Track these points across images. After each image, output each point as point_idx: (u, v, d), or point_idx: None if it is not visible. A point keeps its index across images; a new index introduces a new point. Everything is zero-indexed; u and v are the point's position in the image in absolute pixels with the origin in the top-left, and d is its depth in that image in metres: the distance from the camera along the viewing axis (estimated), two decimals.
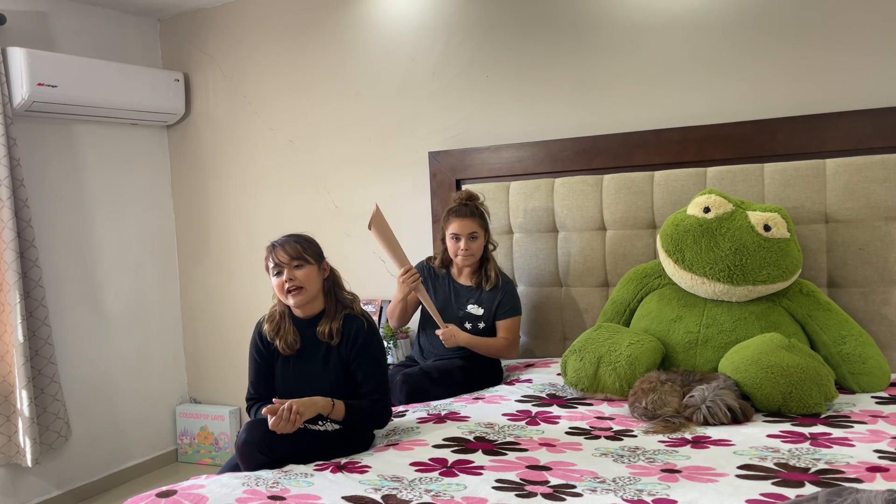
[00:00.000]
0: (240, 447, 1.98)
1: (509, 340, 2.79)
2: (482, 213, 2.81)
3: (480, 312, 2.80)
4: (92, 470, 3.64)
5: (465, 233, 2.74)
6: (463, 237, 2.74)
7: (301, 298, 2.10)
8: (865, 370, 2.34)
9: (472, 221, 2.75)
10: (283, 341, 2.14)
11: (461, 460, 1.89)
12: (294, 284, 2.08)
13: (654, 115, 2.92)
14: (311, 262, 2.11)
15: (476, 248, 2.77)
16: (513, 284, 2.86)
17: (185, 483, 1.81)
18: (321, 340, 2.14)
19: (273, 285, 2.13)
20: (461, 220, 2.75)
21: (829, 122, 2.59)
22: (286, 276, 2.08)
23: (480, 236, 2.77)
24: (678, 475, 1.72)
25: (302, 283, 2.08)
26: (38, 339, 3.25)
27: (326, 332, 2.12)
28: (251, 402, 2.23)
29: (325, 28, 3.59)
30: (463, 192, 2.88)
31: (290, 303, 2.11)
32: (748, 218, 2.44)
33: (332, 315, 2.14)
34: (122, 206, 3.85)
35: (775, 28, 2.71)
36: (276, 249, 2.11)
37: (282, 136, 3.78)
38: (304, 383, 2.14)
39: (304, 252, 2.11)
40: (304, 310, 2.15)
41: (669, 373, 2.33)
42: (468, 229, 2.74)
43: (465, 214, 2.76)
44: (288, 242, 2.12)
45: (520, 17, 3.14)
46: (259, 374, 2.21)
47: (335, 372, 2.14)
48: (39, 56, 3.22)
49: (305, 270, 2.09)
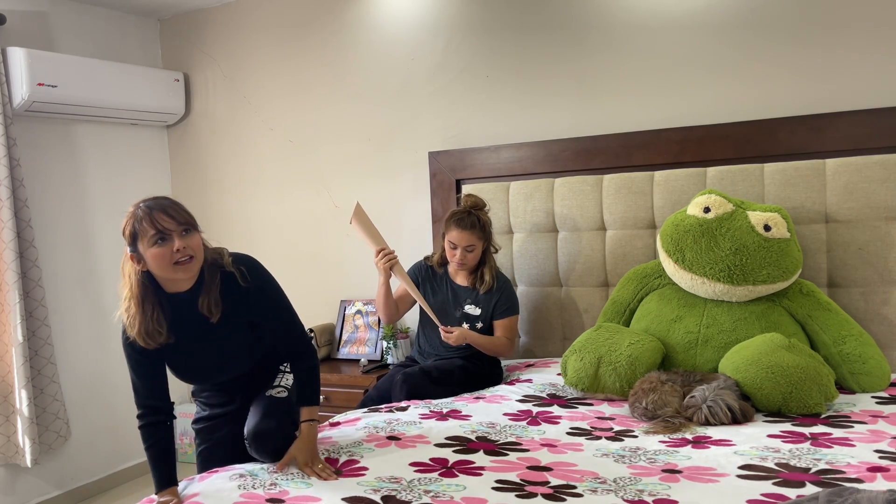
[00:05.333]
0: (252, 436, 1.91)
1: (509, 339, 2.80)
2: (483, 224, 2.77)
3: (478, 312, 2.80)
4: (91, 470, 3.64)
5: (463, 245, 2.73)
6: (460, 248, 2.74)
7: (192, 268, 1.79)
8: (865, 370, 2.33)
9: (472, 234, 2.73)
10: (148, 337, 1.81)
11: (462, 460, 1.88)
12: (187, 253, 1.77)
13: (654, 115, 2.92)
14: (197, 228, 1.82)
15: (471, 259, 2.77)
16: (510, 283, 2.86)
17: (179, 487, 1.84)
18: (203, 315, 1.86)
19: (148, 257, 1.75)
20: (460, 231, 2.73)
21: (829, 122, 2.59)
22: (177, 245, 1.75)
23: (478, 248, 2.76)
24: (679, 475, 1.72)
25: (194, 252, 1.78)
26: (38, 339, 3.25)
27: (206, 306, 1.84)
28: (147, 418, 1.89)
29: (326, 28, 3.59)
30: (469, 198, 2.83)
31: (177, 275, 1.79)
32: (748, 218, 2.44)
33: (209, 283, 1.85)
34: (122, 206, 3.77)
35: (775, 28, 2.71)
36: (155, 213, 1.75)
37: (282, 136, 3.78)
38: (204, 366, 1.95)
39: (190, 216, 1.81)
40: (180, 283, 1.82)
41: (670, 373, 2.32)
42: (466, 242, 2.73)
43: (466, 226, 2.73)
44: (170, 206, 1.78)
45: (520, 17, 3.14)
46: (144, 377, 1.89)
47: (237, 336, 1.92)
48: (39, 56, 3.22)
49: (195, 238, 1.80)
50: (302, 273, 3.73)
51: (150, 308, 1.82)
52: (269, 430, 1.92)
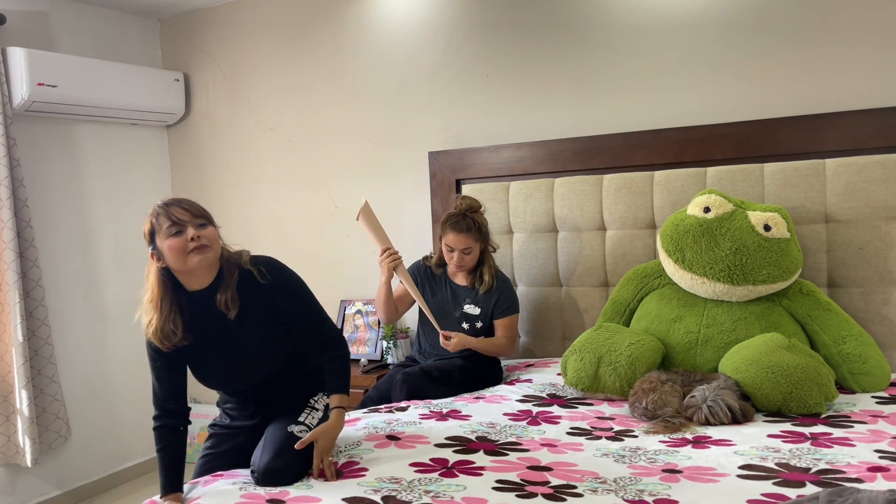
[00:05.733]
0: (262, 473, 1.79)
1: (510, 339, 2.80)
2: (479, 226, 2.75)
3: (477, 312, 2.80)
4: (91, 470, 3.64)
5: (459, 248, 2.73)
6: (457, 251, 2.74)
7: (206, 257, 1.82)
8: (865, 370, 2.33)
9: (468, 237, 2.72)
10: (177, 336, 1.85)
11: (462, 461, 1.88)
12: (201, 242, 1.81)
13: (654, 115, 2.92)
14: (213, 224, 1.88)
15: (469, 261, 2.77)
16: (509, 283, 2.86)
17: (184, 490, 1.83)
18: (222, 314, 1.88)
19: (165, 248, 1.81)
20: (456, 234, 2.72)
21: (829, 122, 2.59)
22: (190, 234, 1.80)
23: (475, 250, 2.76)
24: (679, 475, 1.72)
25: (209, 242, 1.83)
26: (38, 338, 3.25)
27: (223, 302, 1.87)
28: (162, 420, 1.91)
29: (326, 28, 3.59)
30: (464, 200, 2.82)
31: (192, 263, 1.81)
32: (748, 218, 2.44)
33: (227, 280, 1.89)
34: (122, 205, 3.85)
35: (775, 28, 2.71)
36: (171, 208, 1.83)
37: (282, 136, 3.78)
38: (225, 368, 1.95)
39: (206, 212, 1.88)
40: (199, 278, 1.87)
41: (670, 373, 2.32)
42: (462, 244, 2.73)
43: (461, 229, 2.71)
44: (185, 201, 1.87)
45: (520, 17, 3.14)
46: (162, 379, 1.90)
47: (256, 334, 1.93)
48: (39, 56, 3.22)
49: (210, 230, 1.86)
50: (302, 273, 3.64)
51: (168, 308, 1.85)
52: (280, 470, 1.80)
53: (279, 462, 1.81)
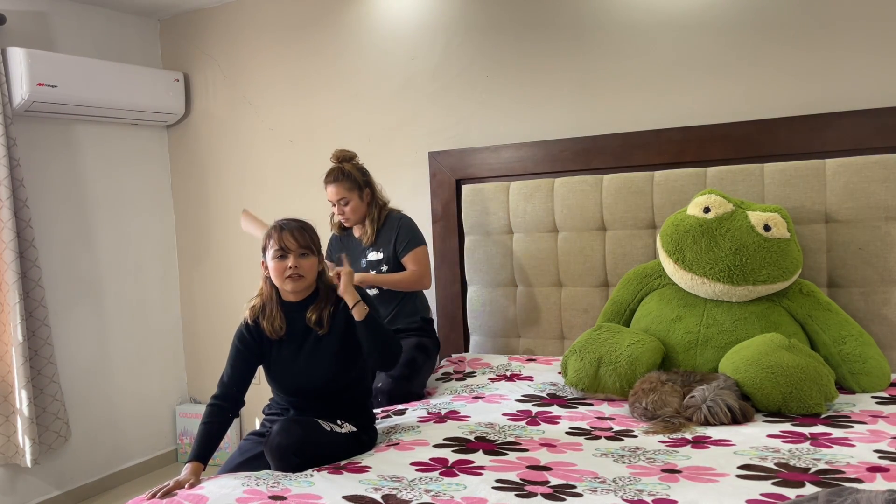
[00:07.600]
0: (275, 449, 1.91)
1: (418, 272, 2.79)
2: (351, 174, 2.76)
3: (380, 256, 2.82)
4: (91, 470, 3.64)
5: (335, 199, 2.77)
6: (336, 203, 2.77)
7: (299, 285, 2.07)
8: (865, 370, 2.33)
9: (340, 187, 2.74)
10: (270, 324, 2.08)
11: (462, 460, 1.88)
12: (297, 272, 2.05)
13: (654, 115, 2.92)
14: (314, 254, 2.10)
15: (350, 212, 2.79)
16: (407, 219, 2.86)
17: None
18: (310, 327, 2.09)
19: (269, 266, 2.08)
20: (329, 185, 2.76)
21: (829, 122, 2.59)
22: (291, 263, 2.04)
23: (353, 199, 2.78)
24: (678, 475, 1.72)
25: (304, 273, 2.06)
26: (38, 339, 3.25)
27: (315, 319, 2.08)
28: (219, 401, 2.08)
29: (326, 28, 3.59)
30: (336, 152, 2.84)
31: (286, 287, 2.07)
32: (748, 218, 2.44)
33: (323, 301, 2.11)
34: (122, 206, 3.85)
35: (775, 28, 2.71)
36: (283, 233, 2.07)
37: (282, 136, 3.78)
38: (297, 370, 2.09)
39: (312, 242, 2.09)
40: (294, 294, 2.11)
41: (670, 373, 2.32)
42: (336, 195, 2.76)
43: (332, 180, 2.76)
44: (297, 228, 2.09)
45: (520, 17, 3.14)
46: (236, 366, 2.10)
47: (327, 358, 2.09)
48: (39, 56, 3.22)
49: (309, 261, 2.07)
50: None
51: (272, 306, 2.11)
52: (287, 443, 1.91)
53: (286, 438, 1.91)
